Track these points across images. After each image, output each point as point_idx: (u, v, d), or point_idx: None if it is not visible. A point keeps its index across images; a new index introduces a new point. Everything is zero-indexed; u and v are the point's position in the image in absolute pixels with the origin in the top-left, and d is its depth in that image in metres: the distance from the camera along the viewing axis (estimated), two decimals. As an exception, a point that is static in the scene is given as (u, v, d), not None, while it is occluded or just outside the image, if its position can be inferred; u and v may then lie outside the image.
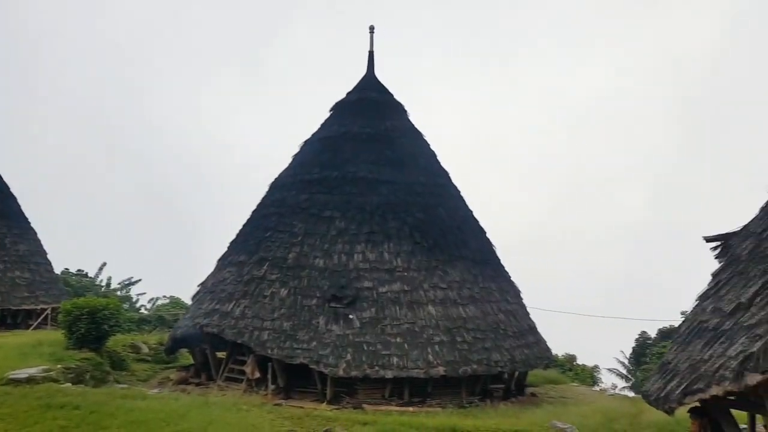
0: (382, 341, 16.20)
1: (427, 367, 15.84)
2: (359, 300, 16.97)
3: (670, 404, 6.94)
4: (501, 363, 16.90)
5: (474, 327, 17.21)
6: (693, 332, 7.36)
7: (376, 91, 22.26)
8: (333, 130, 21.23)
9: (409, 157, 20.67)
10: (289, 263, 17.95)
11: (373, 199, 18.97)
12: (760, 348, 5.29)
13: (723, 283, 7.34)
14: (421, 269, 17.87)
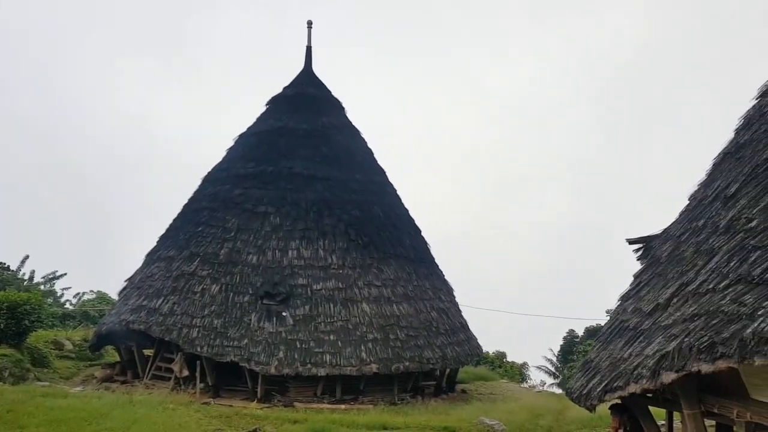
0: (315, 339, 16.04)
1: (360, 364, 15.81)
2: (293, 297, 16.73)
3: (591, 401, 7.15)
4: (433, 360, 17.09)
5: (407, 325, 17.32)
6: (614, 331, 7.61)
7: (313, 87, 22.00)
8: (269, 125, 20.82)
9: (346, 153, 20.55)
10: (221, 259, 17.48)
11: (308, 196, 18.75)
12: (675, 347, 5.54)
13: (643, 284, 7.64)
14: (356, 267, 17.82)
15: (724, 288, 5.41)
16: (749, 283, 5.16)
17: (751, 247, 5.48)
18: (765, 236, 5.41)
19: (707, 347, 5.11)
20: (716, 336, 5.06)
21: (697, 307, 5.61)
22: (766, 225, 5.49)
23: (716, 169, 7.53)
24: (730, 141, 7.62)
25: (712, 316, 5.31)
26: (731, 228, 6.00)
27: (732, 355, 4.88)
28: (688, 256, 6.56)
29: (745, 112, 7.75)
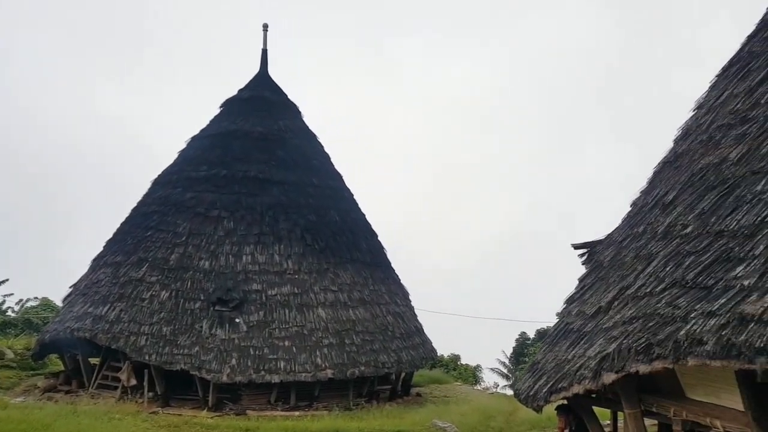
0: (269, 345, 15.85)
1: (315, 370, 15.70)
2: (247, 303, 16.49)
3: (538, 402, 7.33)
4: (388, 364, 17.14)
5: (363, 329, 17.32)
6: (560, 334, 7.82)
7: (269, 90, 21.78)
8: (223, 128, 20.49)
9: (302, 158, 20.43)
10: (171, 264, 17.07)
11: (263, 200, 18.54)
12: (615, 349, 5.74)
13: (587, 288, 7.88)
14: (311, 272, 17.71)
15: (661, 291, 5.65)
16: (683, 287, 5.40)
17: (685, 252, 5.73)
18: (698, 242, 5.67)
19: (644, 349, 5.32)
20: (653, 338, 5.28)
21: (636, 310, 5.84)
22: (700, 231, 5.76)
23: (656, 177, 7.85)
24: (670, 150, 7.96)
25: (649, 318, 5.53)
26: (668, 234, 6.27)
27: (667, 356, 5.10)
28: (629, 260, 6.81)
29: (683, 123, 8.11)
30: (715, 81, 7.97)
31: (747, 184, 5.61)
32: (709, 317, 4.80)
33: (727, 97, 7.10)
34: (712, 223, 5.62)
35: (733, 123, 6.55)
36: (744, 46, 7.94)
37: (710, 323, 4.75)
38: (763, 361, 4.28)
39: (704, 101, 7.75)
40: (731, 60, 7.94)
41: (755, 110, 6.36)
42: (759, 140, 5.94)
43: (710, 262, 5.29)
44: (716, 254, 5.29)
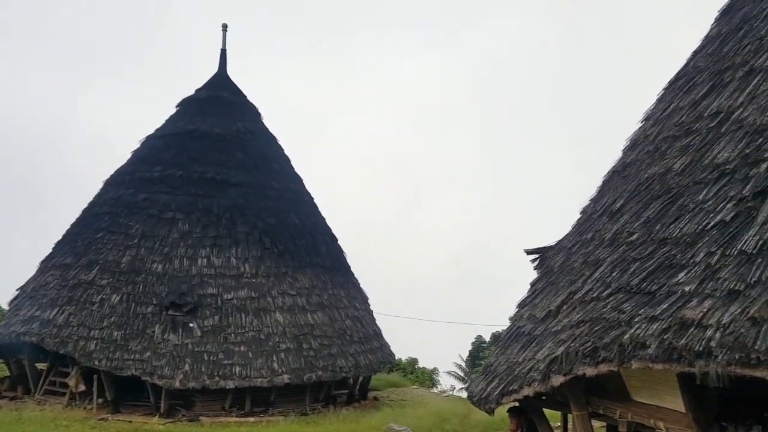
0: (224, 350, 15.60)
1: (271, 375, 15.53)
2: (201, 307, 16.20)
3: (490, 404, 7.43)
4: (346, 369, 17.10)
5: (321, 334, 17.24)
6: (512, 337, 7.97)
7: (228, 91, 21.49)
8: (179, 127, 20.10)
9: (262, 160, 20.22)
10: (122, 267, 16.64)
11: (221, 202, 18.26)
12: (563, 352, 5.90)
13: (538, 292, 8.06)
14: (269, 275, 17.53)
15: (607, 296, 5.84)
16: (628, 292, 5.60)
17: (631, 259, 5.94)
18: (643, 249, 5.89)
19: (591, 352, 5.49)
20: (599, 341, 5.44)
21: (583, 314, 6.01)
22: (645, 239, 5.98)
23: (605, 186, 8.10)
24: (618, 160, 8.23)
25: (595, 322, 5.71)
26: (615, 241, 6.48)
27: (612, 359, 5.27)
28: (578, 266, 7.01)
29: (632, 134, 8.40)
30: (662, 94, 8.30)
31: (690, 193, 5.85)
32: (652, 322, 4.98)
33: (673, 109, 7.40)
34: (657, 230, 5.85)
35: (678, 135, 6.82)
36: (689, 61, 8.30)
37: (653, 327, 4.93)
38: (702, 364, 4.47)
39: (651, 113, 8.05)
40: (677, 74, 8.28)
41: (698, 123, 6.65)
42: (702, 152, 6.21)
43: (654, 268, 5.49)
44: (660, 261, 5.50)
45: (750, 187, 5.20)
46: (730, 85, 6.64)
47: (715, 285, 4.76)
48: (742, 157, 5.55)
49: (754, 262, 4.66)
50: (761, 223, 4.85)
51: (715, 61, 7.35)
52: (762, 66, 6.40)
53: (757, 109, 5.93)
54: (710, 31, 8.38)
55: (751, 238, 4.80)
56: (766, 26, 6.90)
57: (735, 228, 5.03)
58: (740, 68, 6.71)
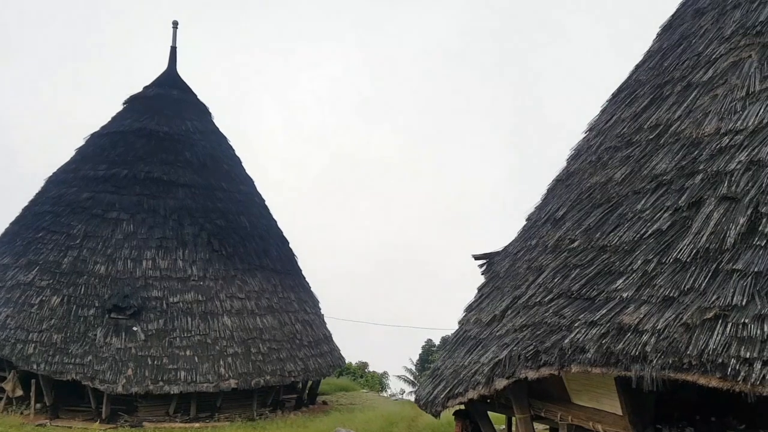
0: (169, 355, 15.19)
1: (218, 380, 15.20)
2: (146, 311, 15.71)
3: (436, 408, 7.49)
4: (295, 373, 16.90)
5: (270, 338, 17.00)
6: (459, 341, 8.07)
7: (177, 89, 20.95)
8: (126, 125, 19.46)
9: (211, 160, 19.80)
10: (63, 268, 15.98)
11: (168, 203, 17.77)
12: (506, 356, 6.00)
13: (485, 297, 8.18)
14: (218, 278, 17.17)
15: (549, 301, 5.98)
16: (569, 298, 5.75)
17: (572, 265, 6.11)
18: (584, 256, 6.06)
19: (533, 356, 5.60)
20: (540, 345, 5.56)
21: (526, 319, 6.14)
22: (586, 246, 6.16)
23: (549, 194, 8.31)
24: (563, 169, 8.46)
25: (537, 327, 5.83)
26: (557, 247, 6.65)
27: (553, 363, 5.40)
28: (522, 272, 7.15)
29: (576, 144, 8.66)
30: (605, 106, 8.58)
31: (629, 203, 6.06)
32: (591, 327, 5.13)
33: (615, 121, 7.66)
34: (597, 238, 6.03)
35: (619, 146, 7.06)
36: (632, 74, 8.62)
37: (592, 332, 5.08)
38: (637, 368, 4.62)
39: (595, 124, 8.31)
40: (620, 87, 8.59)
41: (639, 134, 6.90)
42: (641, 162, 6.44)
43: (594, 274, 5.66)
44: (599, 267, 5.67)
45: (685, 198, 5.43)
46: (669, 98, 6.93)
47: (651, 292, 4.94)
48: (678, 169, 5.79)
49: (688, 270, 4.86)
50: (695, 233, 5.07)
51: (655, 75, 7.65)
52: (699, 81, 6.71)
53: (694, 122, 6.20)
54: (652, 45, 8.73)
55: (686, 247, 5.01)
56: (703, 43, 7.23)
57: (671, 237, 5.23)
58: (679, 82, 7.01)
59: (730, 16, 7.15)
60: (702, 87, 6.53)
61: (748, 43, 6.51)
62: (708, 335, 4.29)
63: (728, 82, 6.25)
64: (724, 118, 5.84)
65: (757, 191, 4.95)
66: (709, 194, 5.23)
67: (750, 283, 4.44)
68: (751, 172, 5.15)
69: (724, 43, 6.83)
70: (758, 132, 5.44)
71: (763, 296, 4.31)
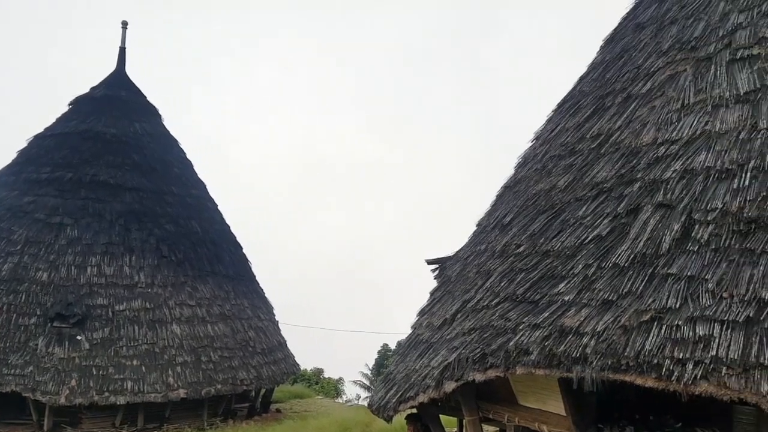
0: (115, 364, 14.75)
1: (166, 390, 14.85)
2: (90, 319, 15.22)
3: (388, 412, 7.52)
4: (247, 381, 16.67)
5: (222, 345, 16.72)
6: (411, 345, 8.13)
7: (125, 90, 20.40)
8: (71, 127, 18.82)
9: (161, 164, 19.36)
10: (3, 275, 15.34)
11: (115, 207, 17.27)
12: (455, 359, 6.09)
13: (436, 301, 8.29)
14: (167, 285, 16.78)
15: (496, 305, 6.11)
16: (514, 301, 5.89)
17: (518, 270, 6.26)
18: (529, 260, 6.22)
19: (480, 358, 5.71)
20: (487, 348, 5.68)
21: (474, 322, 6.25)
22: (531, 251, 6.32)
23: (498, 200, 8.50)
24: (511, 176, 8.66)
25: (484, 330, 5.95)
26: (504, 252, 6.80)
27: (499, 365, 5.51)
28: (472, 276, 7.28)
29: (523, 152, 8.88)
30: (551, 116, 8.83)
31: (571, 209, 6.26)
32: (535, 329, 5.27)
33: (560, 130, 7.89)
34: (541, 243, 6.20)
35: (563, 154, 7.28)
36: (576, 86, 8.90)
37: (535, 335, 5.21)
38: (578, 369, 4.77)
39: (541, 133, 8.55)
40: (565, 97, 8.86)
41: (581, 144, 7.13)
42: (583, 170, 6.66)
43: (538, 278, 5.82)
44: (543, 272, 5.83)
45: (624, 205, 5.65)
46: (610, 109, 7.18)
47: (591, 295, 5.12)
48: (618, 177, 6.01)
49: (626, 275, 5.05)
50: (633, 238, 5.28)
51: (598, 87, 7.93)
52: (638, 93, 6.98)
53: (633, 132, 6.45)
54: (595, 58, 9.04)
55: (624, 252, 5.21)
56: (643, 56, 7.53)
57: (610, 242, 5.43)
58: (620, 94, 7.28)
59: (668, 31, 7.46)
60: (641, 98, 6.79)
61: (683, 58, 6.79)
62: (644, 337, 4.46)
63: (665, 94, 6.51)
64: (660, 129, 6.09)
65: (691, 199, 5.17)
66: (646, 201, 5.45)
67: (683, 286, 4.63)
68: (686, 180, 5.38)
69: (662, 57, 7.12)
70: (692, 142, 5.69)
71: (696, 299, 4.50)
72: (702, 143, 5.55)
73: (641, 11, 8.50)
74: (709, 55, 6.41)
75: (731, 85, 5.88)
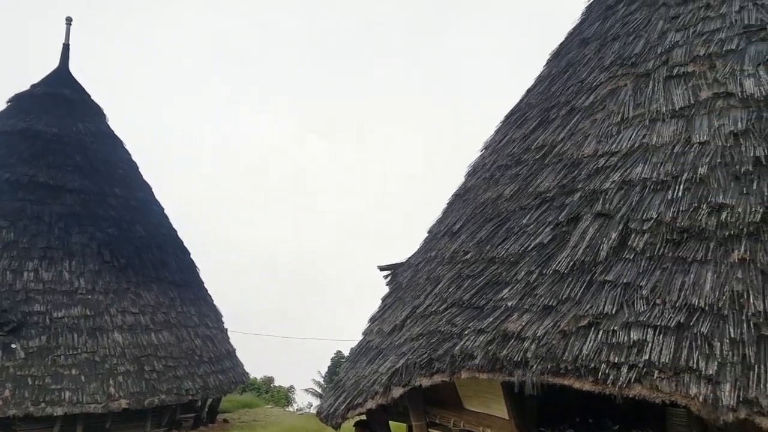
0: (52, 374, 14.09)
1: (107, 400, 14.29)
2: (26, 326, 14.49)
3: (336, 420, 7.48)
4: (193, 391, 16.22)
5: (167, 354, 16.23)
6: (362, 351, 8.14)
7: (69, 88, 19.64)
8: (9, 125, 17.95)
9: (105, 165, 18.70)
10: (-69, 281, 14.47)
11: (54, 209, 16.56)
12: (403, 364, 6.13)
13: (387, 307, 8.33)
14: (108, 292, 16.18)
15: (443, 310, 6.20)
16: (460, 307, 5.99)
17: (465, 276, 6.37)
18: (476, 267, 6.35)
19: (426, 363, 5.77)
20: (434, 353, 5.74)
21: (422, 328, 6.32)
22: (477, 257, 6.45)
23: (449, 208, 8.64)
24: (461, 185, 8.83)
25: (432, 335, 6.02)
26: (453, 259, 6.92)
27: (445, 370, 5.58)
28: (422, 282, 7.36)
29: (473, 161, 9.06)
30: (499, 126, 9.06)
31: (516, 218, 6.42)
32: (479, 334, 5.37)
33: (507, 141, 8.10)
34: (487, 250, 6.33)
35: (509, 164, 7.48)
36: (524, 98, 9.17)
37: (480, 339, 5.31)
38: (520, 373, 4.89)
39: (490, 143, 8.76)
40: (513, 109, 9.10)
41: (527, 154, 7.34)
42: (528, 180, 6.85)
43: (483, 284, 5.94)
44: (488, 278, 5.96)
45: (565, 214, 5.84)
46: (554, 121, 7.42)
47: (533, 301, 5.26)
48: (560, 187, 6.22)
49: (566, 281, 5.21)
50: (572, 246, 5.46)
51: (544, 99, 8.18)
52: (581, 106, 7.24)
53: (575, 144, 6.68)
54: (542, 71, 9.33)
55: (564, 259, 5.38)
56: (587, 70, 7.82)
57: (551, 250, 5.60)
58: (564, 107, 7.53)
59: (610, 47, 7.78)
60: (583, 111, 7.05)
61: (624, 73, 7.09)
62: (582, 342, 4.61)
63: (606, 108, 6.77)
64: (601, 141, 6.34)
65: (628, 209, 5.39)
66: (585, 211, 5.65)
67: (619, 293, 4.81)
68: (623, 191, 5.60)
69: (604, 72, 7.41)
70: (630, 154, 5.94)
71: (631, 305, 4.68)
72: (639, 156, 5.80)
73: (586, 27, 8.84)
74: (648, 71, 6.72)
75: (668, 100, 6.17)
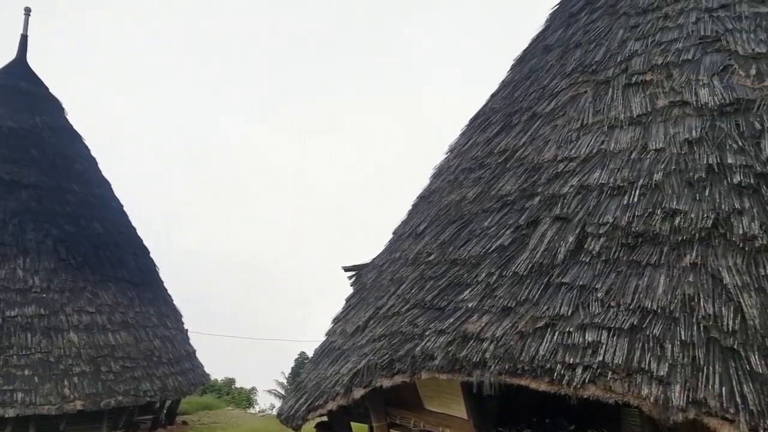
0: (4, 375, 13.62)
1: (61, 402, 13.87)
2: (-24, 326, 14.00)
3: (296, 421, 7.45)
4: (151, 392, 15.88)
5: (124, 355, 15.84)
6: (324, 352, 8.12)
7: (26, 81, 19.02)
8: (-38, 118, 17.36)
9: (62, 160, 18.17)
10: None
11: (8, 205, 16.00)
12: (364, 365, 6.14)
13: (351, 308, 8.34)
14: (64, 291, 15.72)
15: (406, 311, 6.24)
16: (422, 308, 6.04)
17: (428, 277, 6.43)
18: (438, 268, 6.41)
19: (388, 364, 5.79)
20: (395, 354, 5.77)
21: (384, 329, 6.35)
22: (440, 259, 6.51)
23: (414, 209, 8.70)
24: (426, 187, 8.90)
25: (393, 336, 6.05)
26: (416, 260, 6.97)
27: (406, 371, 5.62)
28: (385, 283, 7.39)
29: (438, 163, 9.16)
30: (464, 129, 9.17)
31: (478, 220, 6.51)
32: (440, 335, 5.42)
33: (471, 144, 8.21)
34: (449, 252, 6.40)
35: (473, 167, 7.58)
36: (488, 102, 9.30)
37: (440, 340, 5.37)
38: (478, 374, 4.95)
39: (455, 146, 8.86)
40: (477, 113, 9.22)
41: (490, 158, 7.45)
42: (490, 183, 6.96)
43: (445, 286, 6.00)
44: (450, 279, 6.02)
45: (525, 217, 5.95)
46: (516, 126, 7.56)
47: (492, 302, 5.34)
48: (520, 191, 6.33)
49: (524, 283, 5.31)
50: (531, 249, 5.56)
51: (507, 104, 8.32)
52: (542, 112, 7.39)
53: (536, 149, 6.81)
54: (506, 77, 9.48)
55: (523, 262, 5.48)
56: (549, 77, 7.98)
57: (511, 252, 5.70)
58: (526, 112, 7.67)
59: (572, 55, 7.95)
60: (545, 117, 7.19)
61: (585, 80, 7.26)
62: (539, 342, 4.70)
63: (567, 114, 6.92)
64: (561, 147, 6.47)
65: (585, 213, 5.52)
66: (545, 214, 5.76)
67: (576, 295, 4.92)
68: (581, 195, 5.74)
69: (565, 78, 7.57)
70: (588, 160, 6.08)
71: (586, 307, 4.79)
72: (597, 161, 5.94)
73: (550, 33, 9.02)
74: (608, 79, 6.89)
75: (626, 107, 6.34)
